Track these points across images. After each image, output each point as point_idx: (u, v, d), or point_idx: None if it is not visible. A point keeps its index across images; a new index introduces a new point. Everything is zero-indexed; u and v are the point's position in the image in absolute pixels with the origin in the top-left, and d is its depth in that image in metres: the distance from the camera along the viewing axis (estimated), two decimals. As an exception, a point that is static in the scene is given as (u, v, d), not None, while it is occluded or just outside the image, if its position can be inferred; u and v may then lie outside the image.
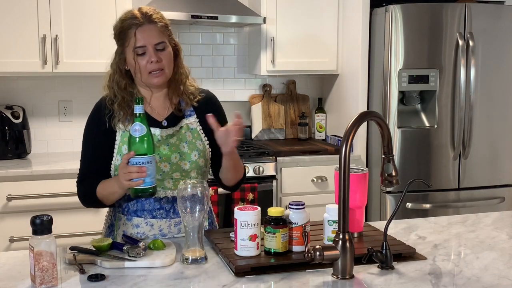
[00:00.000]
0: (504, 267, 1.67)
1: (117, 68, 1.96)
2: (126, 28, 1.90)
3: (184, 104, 2.03)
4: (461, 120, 3.65)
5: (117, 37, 1.96)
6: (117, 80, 1.96)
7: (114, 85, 1.96)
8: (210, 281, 1.56)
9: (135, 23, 1.89)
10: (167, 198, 1.97)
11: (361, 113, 1.62)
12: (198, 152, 1.99)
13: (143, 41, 1.89)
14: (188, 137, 1.99)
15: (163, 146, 1.95)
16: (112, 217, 2.05)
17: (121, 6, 3.50)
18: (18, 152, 3.54)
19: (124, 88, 1.96)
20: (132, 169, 1.72)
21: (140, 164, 1.72)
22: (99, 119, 1.96)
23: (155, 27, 1.91)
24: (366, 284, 1.55)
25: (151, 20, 1.91)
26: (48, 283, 1.49)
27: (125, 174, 1.74)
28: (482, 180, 3.80)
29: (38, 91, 3.78)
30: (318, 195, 3.64)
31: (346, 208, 1.55)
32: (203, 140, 2.02)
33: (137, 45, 1.89)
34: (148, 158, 1.74)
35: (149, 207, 1.96)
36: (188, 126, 2.01)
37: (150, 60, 1.89)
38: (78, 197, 2.00)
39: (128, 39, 1.90)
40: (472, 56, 3.63)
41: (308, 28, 3.92)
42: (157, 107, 2.01)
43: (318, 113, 4.25)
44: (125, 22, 1.91)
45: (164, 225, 1.98)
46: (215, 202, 3.30)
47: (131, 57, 1.91)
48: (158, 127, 1.98)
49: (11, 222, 3.18)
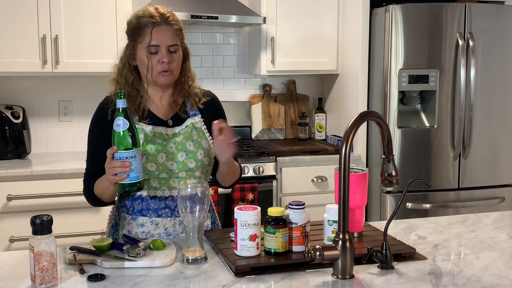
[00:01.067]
0: (504, 267, 1.67)
1: (127, 62, 1.99)
2: (143, 26, 1.92)
3: (189, 105, 2.06)
4: (461, 120, 3.65)
5: (130, 32, 1.97)
6: (125, 74, 1.98)
7: (122, 79, 1.98)
8: (210, 281, 1.56)
9: (152, 22, 1.92)
10: (172, 197, 1.98)
11: (361, 113, 1.62)
12: (204, 150, 2.01)
13: (158, 40, 1.91)
14: (194, 136, 2.02)
15: (170, 144, 1.96)
16: (116, 217, 2.06)
17: (121, 6, 3.51)
18: (18, 152, 3.54)
19: (132, 83, 1.98)
20: (115, 163, 1.73)
21: (123, 159, 1.73)
22: (103, 117, 1.97)
23: (171, 29, 1.94)
24: (366, 284, 1.55)
25: (168, 21, 1.94)
26: (48, 283, 1.49)
27: (109, 169, 1.76)
28: (482, 180, 3.80)
29: (38, 91, 3.78)
30: (318, 195, 3.64)
31: (346, 208, 1.55)
32: (208, 139, 2.05)
33: (151, 43, 1.91)
34: (132, 153, 1.74)
35: (154, 206, 1.97)
36: (194, 125, 2.03)
37: (162, 60, 1.92)
38: (84, 195, 2.02)
39: (143, 36, 1.92)
40: (472, 56, 3.63)
41: (308, 28, 3.92)
42: (163, 106, 2.03)
43: (318, 113, 4.25)
44: (142, 19, 1.93)
45: (169, 224, 1.98)
46: (215, 202, 3.29)
47: (142, 54, 1.93)
48: (164, 126, 2.00)
49: (11, 222, 3.18)
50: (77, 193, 3.08)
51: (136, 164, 1.75)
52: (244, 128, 4.13)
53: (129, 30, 1.98)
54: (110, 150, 1.75)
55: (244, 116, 4.14)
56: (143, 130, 1.95)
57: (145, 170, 1.93)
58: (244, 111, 4.14)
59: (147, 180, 1.96)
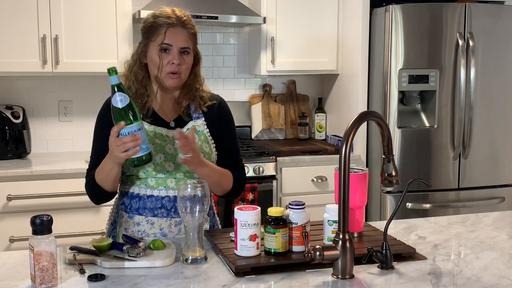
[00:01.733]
0: (504, 267, 1.67)
1: (138, 59, 1.99)
2: (158, 25, 1.93)
3: (193, 108, 2.05)
4: (461, 120, 3.65)
5: (145, 30, 1.98)
6: (135, 71, 1.99)
7: (132, 76, 1.99)
8: (210, 281, 1.56)
9: (168, 22, 1.93)
10: (168, 197, 1.97)
11: (361, 113, 1.62)
12: (204, 154, 1.99)
13: (171, 40, 1.93)
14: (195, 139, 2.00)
15: (169, 145, 1.96)
16: (115, 215, 2.07)
17: (121, 6, 3.51)
18: (18, 152, 3.54)
19: (141, 80, 1.98)
20: (126, 139, 1.73)
21: (133, 133, 1.74)
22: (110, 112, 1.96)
23: (185, 32, 1.95)
24: (366, 284, 1.55)
25: (183, 24, 1.95)
26: (48, 283, 1.49)
27: (119, 147, 1.75)
28: (482, 180, 3.80)
29: (38, 91, 3.78)
30: (318, 195, 3.64)
31: (346, 208, 1.55)
32: (210, 143, 2.04)
33: (164, 41, 1.92)
34: (138, 125, 1.76)
35: (150, 205, 1.97)
36: (196, 128, 2.02)
37: (172, 61, 1.93)
38: (85, 189, 2.01)
39: (157, 35, 1.94)
40: (472, 56, 3.63)
41: (308, 28, 3.92)
42: (166, 108, 2.03)
43: (318, 113, 4.25)
44: (159, 18, 1.94)
45: (164, 224, 1.98)
46: (215, 202, 3.29)
47: (154, 53, 1.94)
48: (166, 127, 1.99)
49: (11, 222, 3.18)
50: (77, 193, 3.10)
51: (143, 135, 1.77)
52: (244, 128, 4.13)
53: (144, 27, 1.99)
54: (116, 128, 1.74)
55: (244, 116, 4.14)
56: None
57: (142, 169, 1.94)
58: (244, 111, 4.14)
59: (145, 179, 1.96)
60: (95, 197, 2.00)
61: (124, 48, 3.50)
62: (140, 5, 3.63)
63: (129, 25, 3.54)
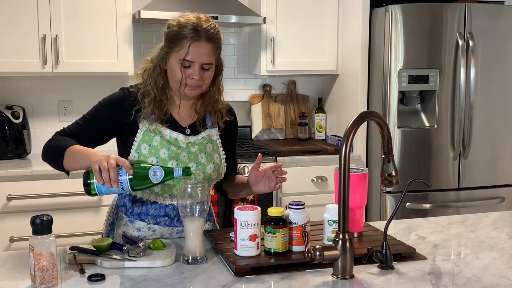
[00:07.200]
0: (504, 267, 1.67)
1: (158, 65, 1.93)
2: (182, 37, 1.86)
3: (210, 122, 2.01)
4: (461, 120, 3.65)
5: (168, 37, 1.90)
6: (155, 77, 1.93)
7: (151, 81, 1.93)
8: (210, 281, 1.56)
9: (192, 36, 1.85)
10: (173, 205, 1.96)
11: (361, 113, 1.62)
12: (214, 165, 1.98)
13: (193, 57, 1.86)
14: (208, 149, 1.98)
15: (184, 153, 1.93)
16: (114, 216, 2.04)
17: (121, 6, 3.51)
18: (18, 152, 3.54)
19: (161, 87, 1.93)
20: (112, 168, 1.65)
21: (121, 181, 1.67)
22: (117, 108, 1.94)
23: (210, 46, 1.88)
24: (366, 284, 1.55)
25: (209, 38, 1.88)
26: (48, 283, 1.49)
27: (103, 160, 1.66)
28: (482, 180, 3.80)
29: (38, 91, 3.78)
30: (318, 195, 3.64)
31: (346, 208, 1.55)
32: (221, 154, 2.03)
33: (186, 58, 1.85)
34: (130, 187, 1.69)
35: (153, 212, 1.95)
36: (210, 137, 2.00)
37: (193, 76, 1.87)
38: (45, 147, 1.93)
39: (180, 47, 1.86)
40: (472, 56, 3.63)
41: (308, 28, 3.92)
42: (183, 113, 1.99)
43: (318, 113, 4.25)
44: (184, 29, 1.86)
45: (166, 232, 1.97)
46: (215, 202, 3.30)
47: (175, 64, 1.88)
48: (182, 133, 1.96)
49: (11, 222, 3.18)
50: (77, 193, 3.10)
51: (118, 192, 1.72)
52: (244, 128, 4.13)
53: (167, 34, 1.91)
54: (126, 163, 1.68)
55: (244, 116, 4.14)
56: (160, 132, 1.91)
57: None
58: (244, 111, 4.14)
59: None
60: (47, 154, 1.92)
61: (124, 48, 3.51)
62: (140, 5, 3.63)
63: (129, 25, 3.53)
